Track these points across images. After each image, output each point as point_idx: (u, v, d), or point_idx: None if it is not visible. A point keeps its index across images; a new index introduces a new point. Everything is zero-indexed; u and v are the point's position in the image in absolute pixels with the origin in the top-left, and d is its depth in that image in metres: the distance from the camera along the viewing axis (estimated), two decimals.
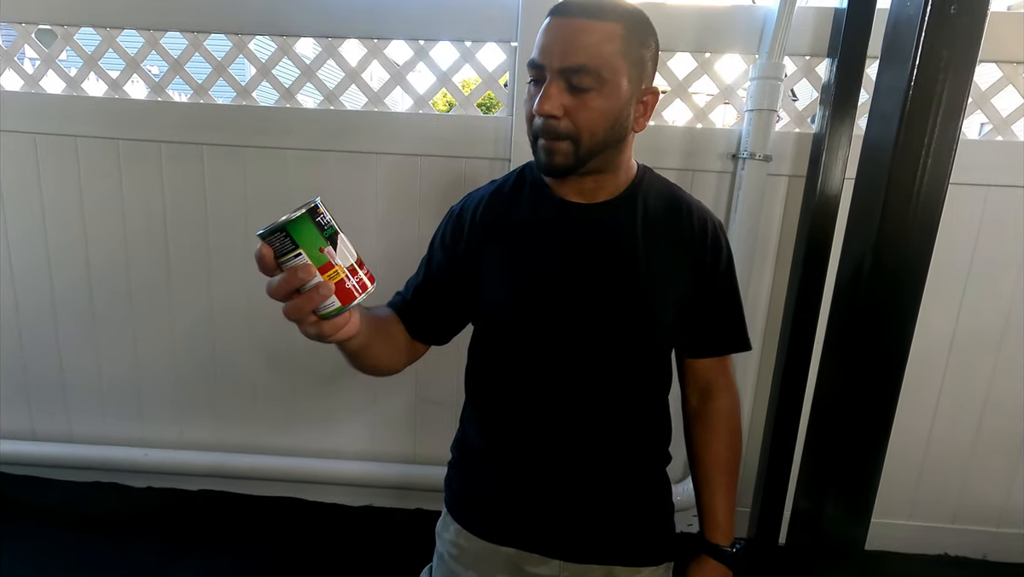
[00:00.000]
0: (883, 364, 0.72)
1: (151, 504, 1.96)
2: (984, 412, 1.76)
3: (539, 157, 0.77)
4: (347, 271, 0.56)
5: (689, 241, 0.83)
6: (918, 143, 0.66)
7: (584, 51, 0.70)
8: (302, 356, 1.87)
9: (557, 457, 0.84)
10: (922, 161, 0.65)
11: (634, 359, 0.83)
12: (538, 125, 0.74)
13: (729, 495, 0.90)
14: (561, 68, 0.71)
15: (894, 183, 0.67)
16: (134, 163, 1.76)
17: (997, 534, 1.84)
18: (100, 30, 1.71)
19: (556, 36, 0.71)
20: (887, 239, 0.68)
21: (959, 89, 0.64)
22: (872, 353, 0.72)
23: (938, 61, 0.64)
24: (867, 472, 0.76)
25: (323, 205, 0.56)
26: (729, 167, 1.65)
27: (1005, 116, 1.59)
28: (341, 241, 0.56)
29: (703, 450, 0.92)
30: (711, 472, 0.91)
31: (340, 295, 0.56)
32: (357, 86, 1.74)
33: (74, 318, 1.88)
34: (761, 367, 1.79)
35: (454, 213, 0.90)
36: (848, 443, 0.79)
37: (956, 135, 0.65)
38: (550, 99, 0.71)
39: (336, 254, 0.55)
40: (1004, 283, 1.67)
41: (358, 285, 0.57)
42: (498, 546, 0.87)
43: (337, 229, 0.56)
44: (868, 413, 0.76)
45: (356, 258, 0.57)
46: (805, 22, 1.56)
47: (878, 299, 0.70)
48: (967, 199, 1.61)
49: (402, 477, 1.90)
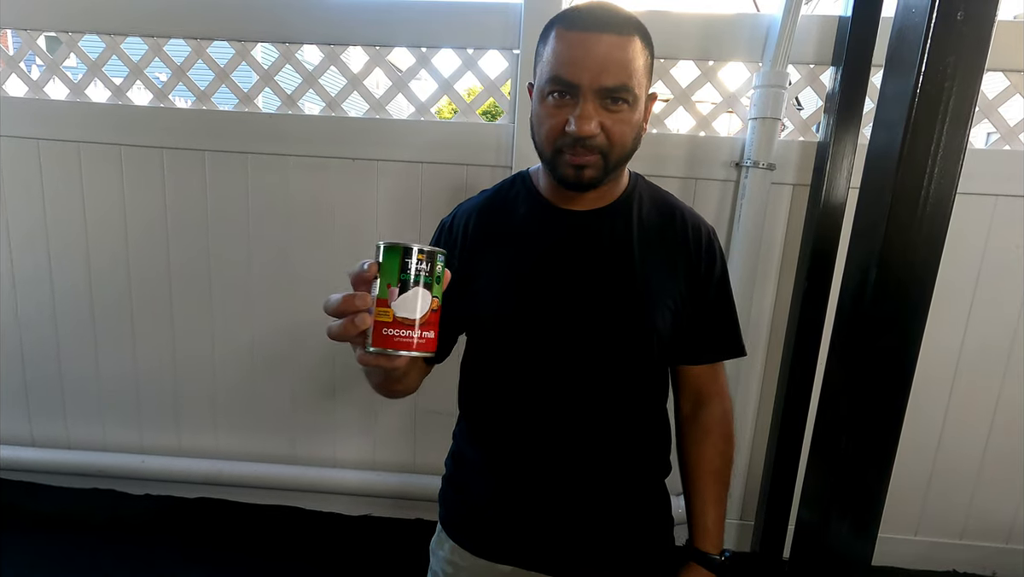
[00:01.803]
0: (889, 377, 0.70)
1: (149, 511, 1.95)
2: (992, 426, 1.73)
3: (562, 171, 0.75)
4: (398, 319, 0.55)
5: (683, 248, 0.83)
6: (924, 152, 0.64)
7: (623, 70, 0.70)
8: (302, 364, 1.86)
9: (554, 471, 0.82)
10: (928, 170, 0.64)
11: (631, 369, 0.82)
12: (567, 141, 0.73)
13: (719, 503, 0.88)
14: (601, 88, 0.70)
15: (899, 193, 0.65)
16: (136, 169, 1.76)
17: (1006, 550, 1.80)
18: (104, 36, 1.71)
19: (587, 53, 0.69)
20: (892, 249, 0.66)
21: (966, 97, 0.63)
22: (878, 366, 0.70)
23: (944, 68, 0.62)
24: (873, 486, 0.73)
25: (428, 256, 0.55)
26: (733, 176, 1.64)
27: (1012, 125, 1.58)
28: (416, 294, 0.55)
29: (695, 457, 0.90)
30: (702, 479, 0.89)
31: (376, 335, 0.55)
32: (359, 93, 1.74)
33: (74, 324, 1.88)
34: (765, 378, 1.76)
35: (445, 225, 0.89)
36: (854, 457, 0.77)
37: (963, 144, 0.63)
38: (590, 119, 0.70)
39: (398, 298, 0.54)
40: (1013, 294, 1.64)
41: (402, 339, 0.55)
42: (494, 564, 0.86)
43: (420, 282, 0.55)
44: (874, 426, 0.74)
45: (421, 316, 0.55)
46: (809, 30, 1.55)
47: (884, 311, 0.69)
48: (975, 209, 1.59)
49: (401, 487, 1.88)
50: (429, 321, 0.56)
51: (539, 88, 0.75)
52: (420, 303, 0.55)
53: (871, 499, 0.75)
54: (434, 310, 0.56)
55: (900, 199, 0.65)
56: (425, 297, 0.55)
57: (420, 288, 0.55)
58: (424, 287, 0.55)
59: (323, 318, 0.56)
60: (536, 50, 0.77)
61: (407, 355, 0.55)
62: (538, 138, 0.77)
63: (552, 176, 0.78)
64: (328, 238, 1.77)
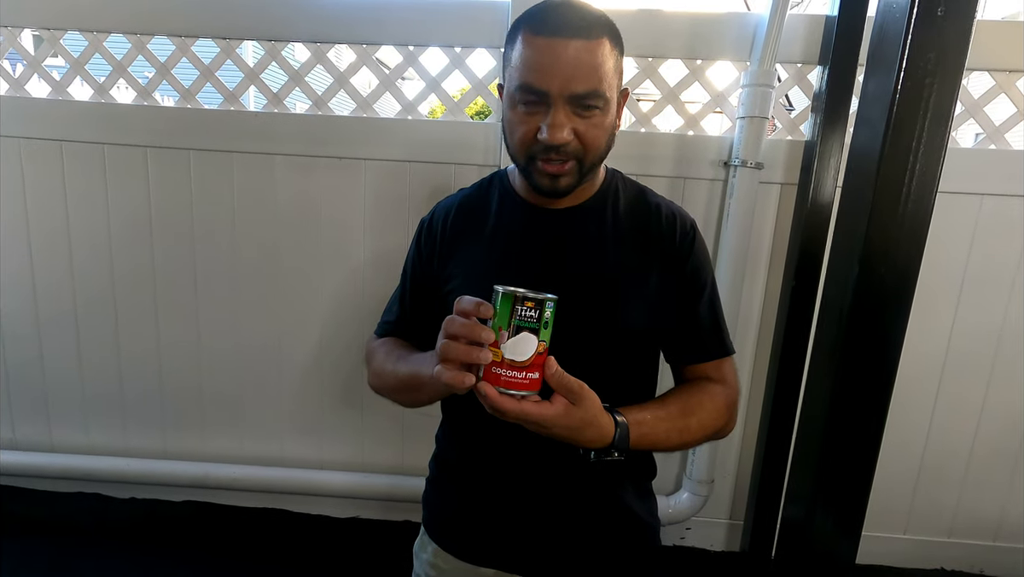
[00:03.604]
0: (873, 374, 0.70)
1: (134, 515, 1.93)
2: (980, 425, 1.73)
3: (537, 179, 0.75)
4: (507, 361, 0.60)
5: (661, 242, 0.82)
6: (906, 148, 0.64)
7: (592, 75, 0.69)
8: (288, 365, 1.85)
9: (535, 473, 0.82)
10: (910, 167, 0.64)
11: (609, 368, 0.80)
12: (539, 149, 0.72)
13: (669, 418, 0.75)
14: (571, 95, 0.69)
15: (881, 189, 0.65)
16: (120, 168, 1.74)
17: (994, 548, 1.81)
18: (87, 34, 1.69)
19: (555, 60, 0.68)
20: (874, 247, 0.66)
21: (947, 92, 0.62)
22: (861, 363, 0.70)
23: (925, 64, 0.62)
24: (857, 483, 0.73)
25: (537, 304, 0.60)
26: (721, 175, 1.64)
27: (998, 125, 1.58)
28: (524, 338, 0.60)
29: (676, 387, 0.84)
30: (672, 394, 0.81)
31: (486, 372, 0.61)
32: (346, 91, 1.72)
33: (56, 324, 1.85)
34: (754, 377, 1.76)
35: (425, 224, 0.89)
36: (838, 454, 0.76)
37: (945, 140, 0.63)
38: (562, 127, 0.70)
39: (508, 341, 0.60)
40: (999, 293, 1.65)
41: (509, 379, 0.60)
42: (477, 567, 0.85)
43: (528, 327, 0.60)
44: (858, 423, 0.73)
45: (527, 359, 0.61)
46: (797, 29, 1.55)
47: (866, 308, 0.68)
48: (961, 208, 1.60)
49: (389, 488, 1.87)
50: (535, 363, 0.61)
51: (509, 93, 0.73)
52: (528, 347, 0.60)
53: (856, 496, 0.74)
54: (540, 353, 0.61)
55: (882, 195, 0.65)
56: (532, 341, 0.60)
57: (528, 333, 0.60)
58: (531, 332, 0.60)
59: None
60: (504, 51, 0.75)
61: (515, 394, 0.61)
62: (511, 145, 0.76)
63: (527, 182, 0.77)
64: (315, 238, 1.75)
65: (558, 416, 0.63)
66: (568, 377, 0.63)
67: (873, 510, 1.82)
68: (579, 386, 0.64)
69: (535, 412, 0.62)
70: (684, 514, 1.77)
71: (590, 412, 0.66)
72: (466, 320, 0.61)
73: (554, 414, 0.63)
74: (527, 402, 0.62)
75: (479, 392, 0.61)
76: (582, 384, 0.65)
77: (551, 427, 0.64)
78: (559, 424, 0.64)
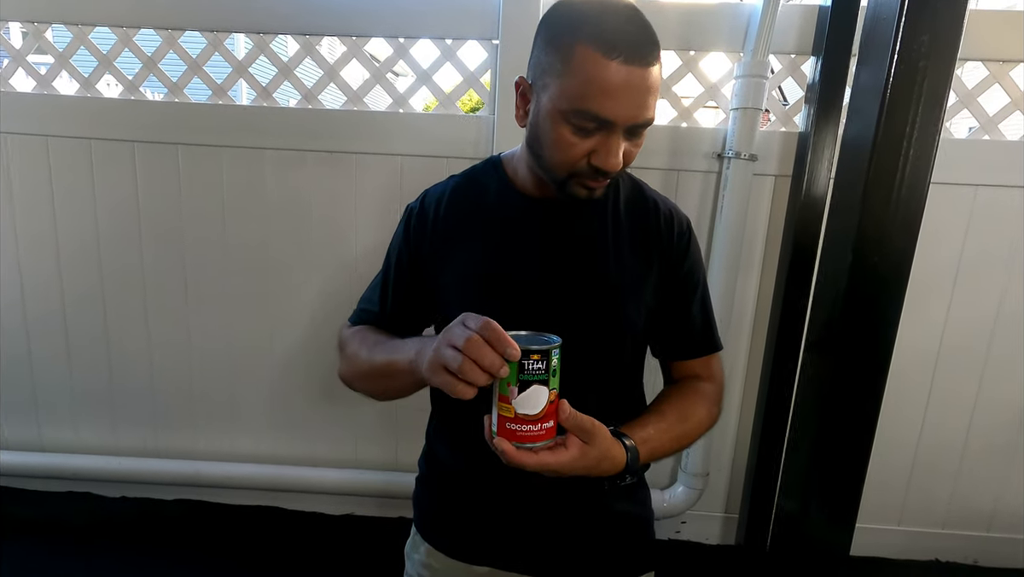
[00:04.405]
0: (866, 364, 0.69)
1: (126, 514, 1.91)
2: (973, 416, 1.73)
3: (573, 191, 0.72)
4: (519, 416, 0.60)
5: (658, 240, 0.81)
6: (899, 134, 0.63)
7: (653, 102, 0.67)
8: (280, 361, 1.83)
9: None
10: (904, 152, 0.63)
11: (605, 364, 0.80)
12: (587, 171, 0.69)
13: (670, 429, 0.76)
14: (635, 125, 0.67)
15: (875, 176, 0.64)
16: (107, 164, 1.71)
17: (987, 539, 1.81)
18: (71, 27, 1.66)
19: (628, 92, 0.64)
20: (868, 234, 0.65)
21: (941, 76, 0.61)
22: (855, 353, 0.69)
23: (919, 47, 0.61)
24: (851, 475, 0.72)
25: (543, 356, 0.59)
26: (715, 167, 1.63)
27: (992, 115, 1.58)
28: (534, 391, 0.60)
29: (674, 390, 0.84)
30: (667, 403, 0.80)
31: (500, 425, 0.61)
32: (336, 84, 1.70)
33: (45, 323, 1.83)
34: (749, 369, 1.76)
35: (414, 211, 0.85)
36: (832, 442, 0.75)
37: (939, 125, 0.62)
38: (619, 154, 0.68)
39: (518, 397, 0.60)
40: (994, 283, 1.65)
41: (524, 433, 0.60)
42: (471, 565, 0.84)
43: (537, 380, 0.59)
44: (852, 414, 0.72)
45: (539, 412, 0.60)
46: (790, 20, 1.54)
47: (860, 298, 0.67)
48: (955, 199, 1.59)
49: (384, 485, 1.85)
50: (548, 412, 0.61)
51: (558, 109, 0.67)
52: (539, 399, 0.60)
53: (850, 488, 0.73)
54: (551, 401, 0.61)
55: (875, 183, 0.64)
56: (543, 393, 0.60)
57: (538, 385, 0.59)
58: (541, 384, 0.59)
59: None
60: (541, 49, 0.69)
61: (532, 446, 0.61)
62: (549, 159, 0.71)
63: (557, 192, 0.74)
64: (306, 233, 1.73)
65: (575, 460, 0.63)
66: (580, 417, 0.64)
67: (868, 502, 1.82)
68: (591, 424, 0.65)
69: (554, 462, 0.62)
70: (679, 508, 1.77)
71: (603, 446, 0.66)
72: (495, 357, 0.57)
73: (571, 459, 0.63)
74: (544, 453, 0.62)
75: (496, 448, 0.61)
76: (593, 420, 0.65)
77: (570, 471, 0.64)
78: (577, 466, 0.64)
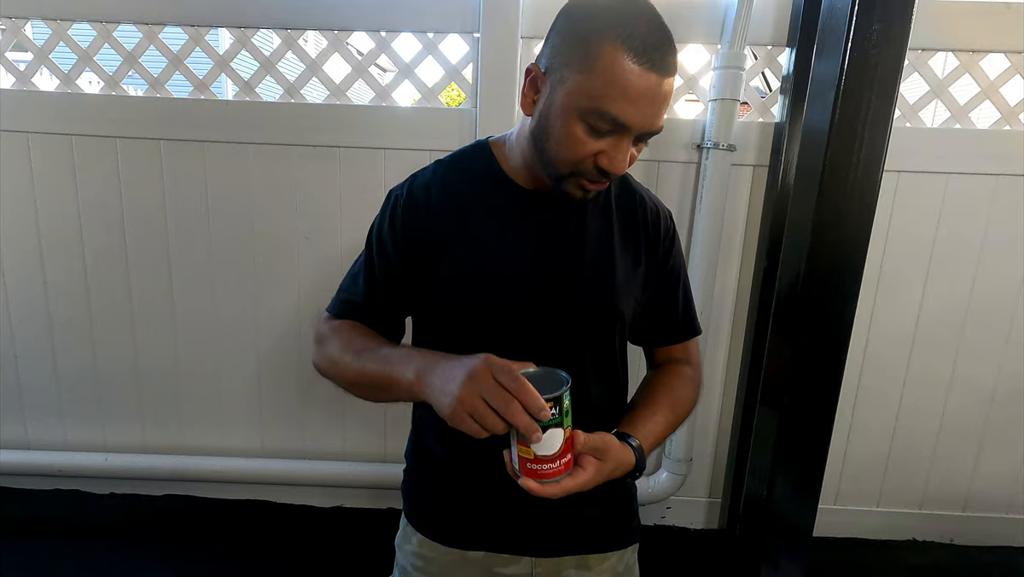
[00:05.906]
0: (826, 344, 0.72)
1: (114, 510, 1.91)
2: (948, 400, 1.78)
3: (570, 189, 0.73)
4: (539, 457, 0.63)
5: (644, 232, 0.83)
6: (854, 121, 0.65)
7: (665, 111, 0.68)
8: (268, 355, 1.84)
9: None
10: (859, 137, 0.65)
11: (596, 350, 0.82)
12: (591, 171, 0.70)
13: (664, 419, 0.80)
14: (646, 133, 0.68)
15: (831, 162, 0.66)
16: (89, 160, 1.71)
17: (963, 518, 1.87)
18: (51, 23, 1.66)
19: (651, 98, 0.65)
20: (825, 220, 0.67)
21: (892, 66, 0.64)
22: (815, 333, 0.72)
23: (871, 38, 0.63)
24: (813, 451, 0.75)
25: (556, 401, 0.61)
26: (694, 157, 1.65)
27: (963, 104, 1.61)
28: (550, 435, 0.61)
29: (657, 378, 0.87)
30: (658, 393, 0.83)
31: (521, 466, 0.64)
32: (318, 78, 1.71)
33: (29, 318, 1.83)
34: (730, 356, 1.79)
35: (400, 199, 0.83)
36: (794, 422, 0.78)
37: (891, 112, 0.65)
38: (626, 159, 0.69)
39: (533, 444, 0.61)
40: (966, 270, 1.69)
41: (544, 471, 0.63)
42: (466, 551, 0.85)
43: (552, 424, 0.61)
44: (813, 391, 0.75)
45: (556, 452, 0.63)
46: (766, 11, 1.56)
47: (818, 280, 0.70)
48: (927, 187, 1.63)
49: (373, 476, 1.87)
50: (565, 449, 0.63)
51: (575, 105, 0.66)
52: (555, 441, 0.62)
53: (812, 464, 0.76)
54: (566, 438, 0.63)
55: (831, 168, 0.66)
56: (558, 435, 0.62)
57: (553, 429, 0.61)
58: (556, 427, 0.62)
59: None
60: (563, 40, 0.68)
61: (554, 481, 0.64)
62: (554, 153, 0.70)
63: (553, 187, 0.74)
64: (291, 227, 1.74)
65: (593, 478, 0.67)
66: (592, 438, 0.67)
67: (847, 485, 1.86)
68: (601, 441, 0.68)
69: (575, 486, 0.65)
70: (664, 493, 1.80)
71: (615, 457, 0.69)
72: (531, 422, 0.60)
73: (589, 478, 0.66)
74: (565, 481, 0.65)
75: (522, 487, 0.64)
76: (603, 436, 0.68)
77: (591, 487, 0.67)
78: (597, 481, 0.67)
